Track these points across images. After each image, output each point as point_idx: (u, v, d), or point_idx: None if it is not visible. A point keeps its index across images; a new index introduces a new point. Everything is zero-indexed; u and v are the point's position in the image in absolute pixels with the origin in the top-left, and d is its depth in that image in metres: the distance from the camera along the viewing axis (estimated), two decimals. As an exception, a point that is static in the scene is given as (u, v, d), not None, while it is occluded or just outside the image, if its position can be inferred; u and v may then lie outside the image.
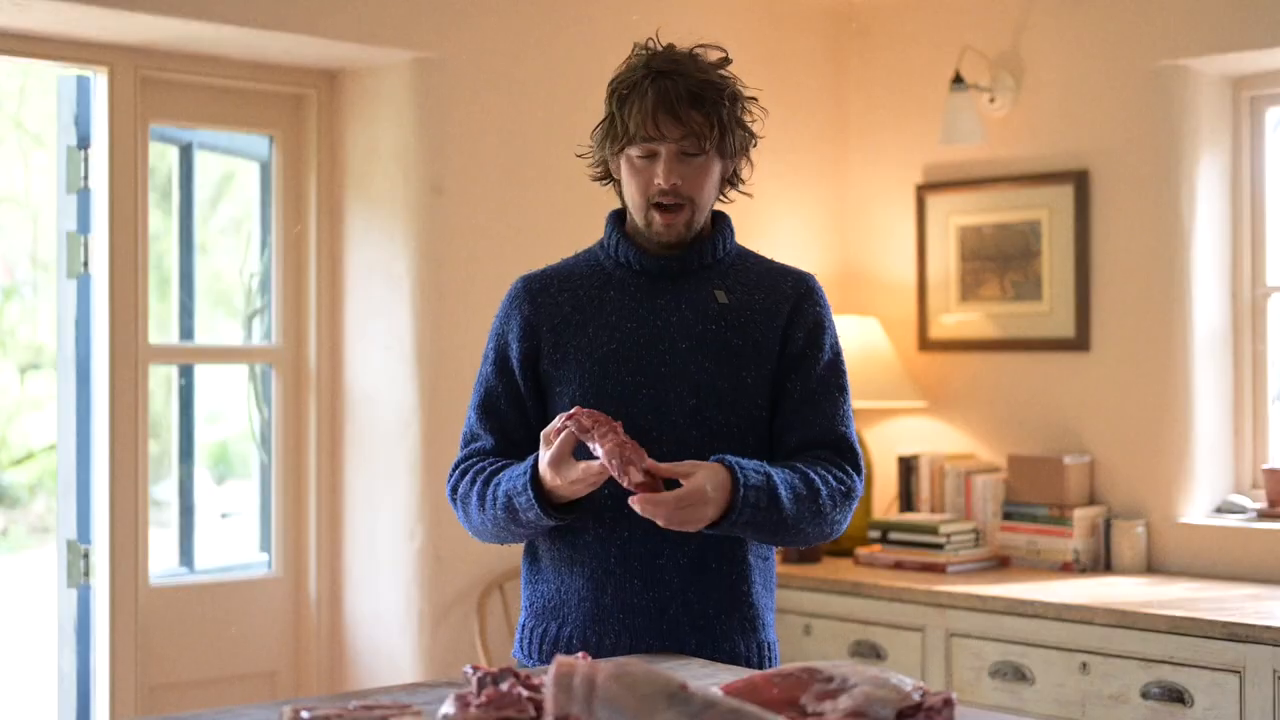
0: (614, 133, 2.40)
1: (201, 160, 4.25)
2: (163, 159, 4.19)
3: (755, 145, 2.47)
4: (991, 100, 4.57)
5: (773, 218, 4.77)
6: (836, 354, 2.47)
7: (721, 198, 2.50)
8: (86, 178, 3.85)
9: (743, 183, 2.50)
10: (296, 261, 4.24)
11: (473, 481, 2.43)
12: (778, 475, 2.30)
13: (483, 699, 1.78)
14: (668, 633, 2.36)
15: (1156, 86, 4.25)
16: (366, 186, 4.17)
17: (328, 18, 3.85)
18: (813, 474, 2.35)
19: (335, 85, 4.22)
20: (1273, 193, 4.31)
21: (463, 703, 1.78)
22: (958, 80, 4.48)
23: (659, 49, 2.44)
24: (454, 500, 2.49)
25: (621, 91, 2.39)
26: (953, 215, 4.69)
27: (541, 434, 2.29)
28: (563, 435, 2.24)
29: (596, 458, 2.22)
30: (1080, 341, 4.41)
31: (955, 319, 4.69)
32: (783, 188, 4.83)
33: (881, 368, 4.62)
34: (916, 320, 4.78)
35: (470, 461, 2.47)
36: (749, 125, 2.45)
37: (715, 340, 2.39)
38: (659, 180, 2.36)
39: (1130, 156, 4.32)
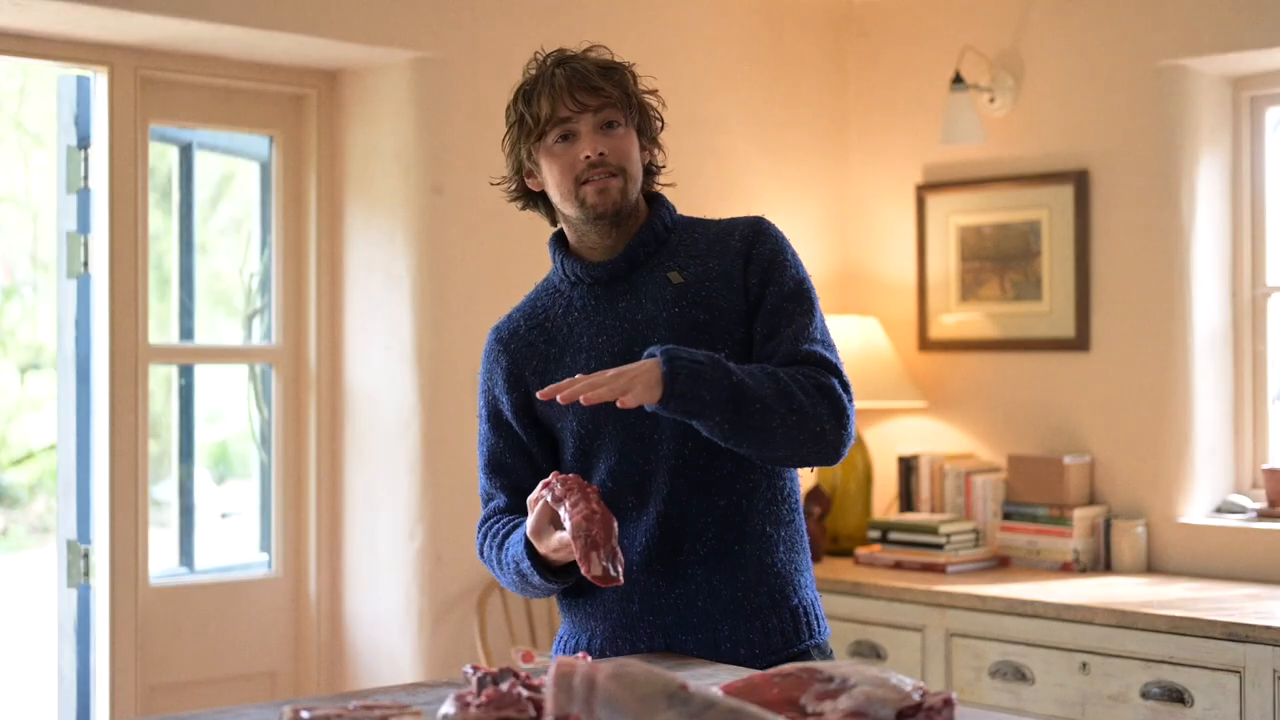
0: (527, 128, 2.36)
1: (201, 160, 4.25)
2: (163, 159, 4.19)
3: (662, 127, 2.45)
4: (991, 100, 4.57)
5: (773, 218, 4.75)
6: (798, 283, 2.38)
7: (648, 189, 2.46)
8: (86, 178, 3.85)
9: (661, 168, 2.47)
10: (296, 261, 4.24)
11: (490, 545, 2.45)
12: (732, 363, 2.24)
13: (483, 699, 1.78)
14: (699, 625, 2.35)
15: (1156, 86, 4.25)
16: (366, 186, 4.17)
17: (328, 18, 3.85)
18: (768, 367, 2.27)
19: (335, 85, 4.22)
20: (1273, 193, 4.31)
21: (463, 703, 1.78)
22: (958, 80, 4.48)
23: (551, 52, 2.42)
24: (484, 561, 2.50)
25: (525, 90, 2.38)
26: (953, 215, 4.69)
27: (528, 501, 2.29)
28: (538, 506, 2.24)
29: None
30: (1080, 341, 4.41)
31: (955, 319, 4.69)
32: (783, 188, 4.83)
33: (881, 368, 4.62)
34: (916, 320, 4.78)
35: (489, 523, 2.48)
36: (657, 110, 2.44)
37: (682, 322, 2.35)
38: (585, 153, 2.32)
39: (1130, 156, 4.32)
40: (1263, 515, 4.12)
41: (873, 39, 4.92)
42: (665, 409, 2.18)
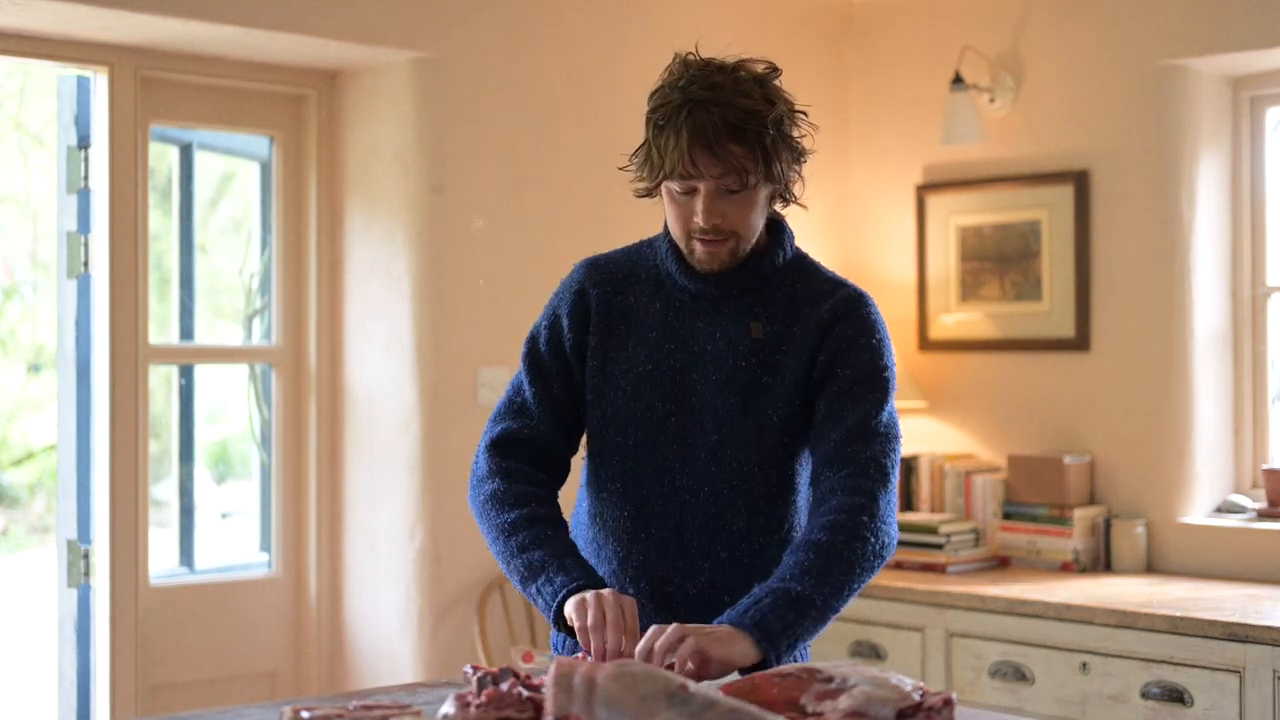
0: (651, 163, 2.25)
1: (201, 160, 4.25)
2: (163, 159, 4.19)
3: (806, 160, 2.34)
4: (991, 100, 4.57)
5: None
6: (876, 369, 2.30)
7: (773, 212, 2.39)
8: (86, 178, 3.85)
9: (795, 199, 2.38)
10: (296, 261, 4.24)
11: (498, 503, 2.34)
12: (794, 586, 2.14)
13: (483, 699, 1.78)
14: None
15: (1156, 86, 4.25)
16: (366, 186, 4.17)
17: (328, 18, 3.85)
18: (825, 538, 2.18)
19: (335, 85, 4.22)
20: (1273, 193, 4.31)
21: (463, 703, 1.78)
22: (958, 80, 4.48)
23: (698, 65, 2.23)
24: (474, 485, 2.40)
25: (658, 121, 2.22)
26: (953, 215, 4.69)
27: (615, 607, 2.13)
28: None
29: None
30: (1080, 341, 4.41)
31: (955, 319, 4.69)
32: (783, 188, 4.82)
33: (881, 368, 4.62)
34: (916, 320, 4.78)
35: (502, 459, 2.38)
36: (799, 142, 2.30)
37: (745, 376, 2.31)
38: (698, 219, 2.24)
39: (1130, 156, 4.32)
40: (1263, 515, 4.12)
41: (873, 39, 4.92)
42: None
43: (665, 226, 2.37)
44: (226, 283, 4.51)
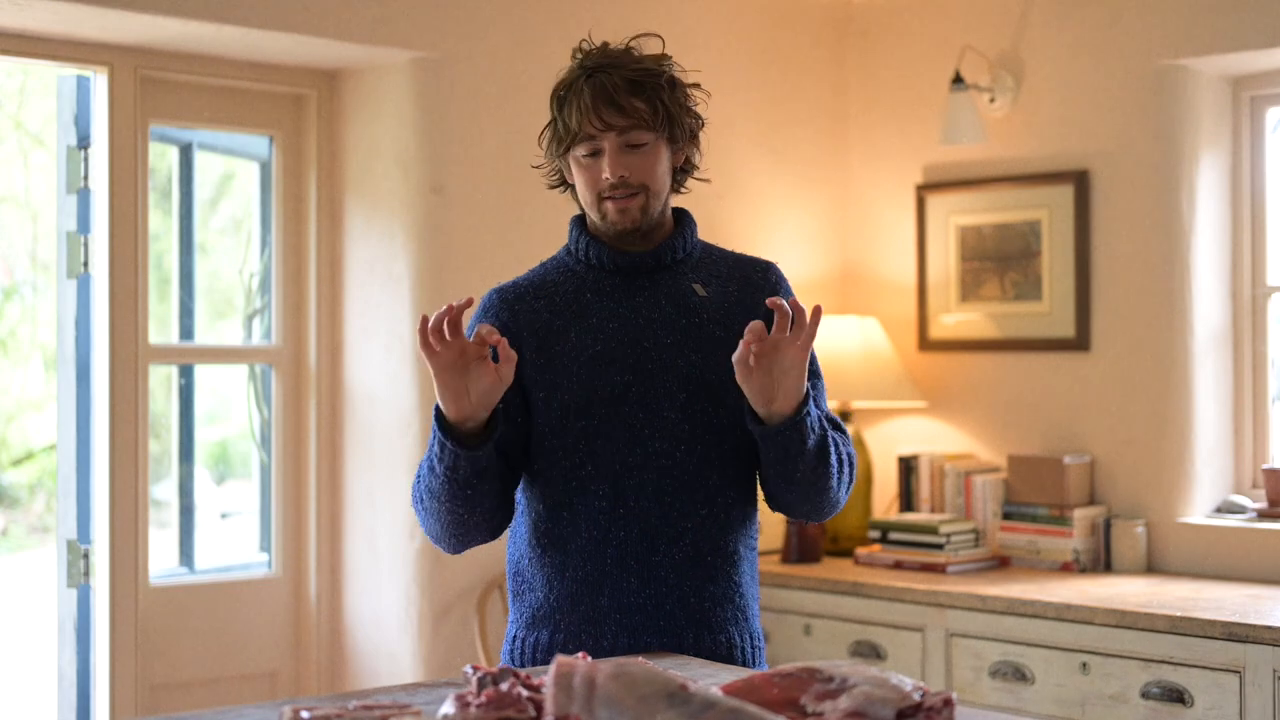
0: (558, 135, 2.40)
1: (201, 160, 4.25)
2: (163, 159, 4.19)
3: (703, 127, 2.47)
4: (991, 100, 4.57)
5: (773, 218, 4.77)
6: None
7: (679, 189, 2.49)
8: (86, 178, 3.85)
9: (697, 169, 2.50)
10: (296, 261, 4.24)
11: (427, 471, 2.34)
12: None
13: (483, 699, 1.78)
14: (665, 629, 2.36)
15: (1156, 86, 4.25)
16: (366, 186, 4.17)
17: (328, 18, 3.86)
18: (830, 434, 2.41)
19: (335, 85, 4.22)
20: (1273, 193, 4.31)
21: (463, 703, 1.78)
22: (958, 80, 4.48)
23: (594, 48, 2.43)
24: (418, 508, 2.40)
25: (560, 93, 2.40)
26: (953, 215, 4.69)
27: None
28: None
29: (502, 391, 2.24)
30: (1080, 341, 4.41)
31: (955, 319, 4.69)
32: (783, 188, 4.83)
33: (881, 368, 4.62)
34: (916, 320, 4.78)
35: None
36: (694, 109, 2.45)
37: (699, 333, 2.40)
38: (605, 174, 2.35)
39: (1130, 156, 4.32)
40: (1263, 515, 4.12)
41: (873, 39, 4.92)
42: (786, 423, 2.27)
43: (572, 228, 2.48)
44: (226, 283, 4.51)
